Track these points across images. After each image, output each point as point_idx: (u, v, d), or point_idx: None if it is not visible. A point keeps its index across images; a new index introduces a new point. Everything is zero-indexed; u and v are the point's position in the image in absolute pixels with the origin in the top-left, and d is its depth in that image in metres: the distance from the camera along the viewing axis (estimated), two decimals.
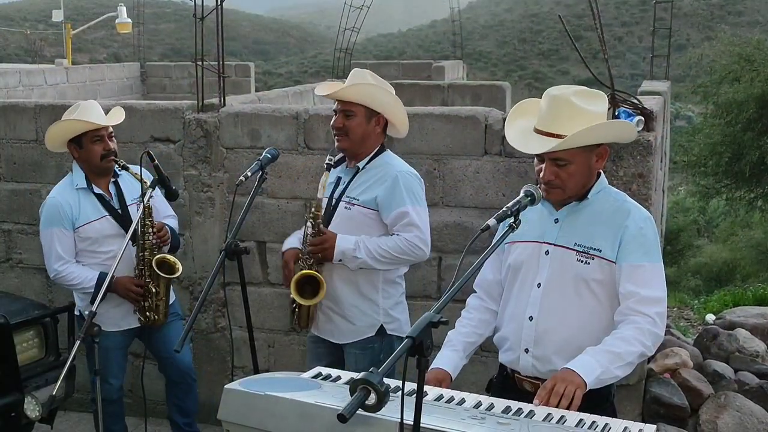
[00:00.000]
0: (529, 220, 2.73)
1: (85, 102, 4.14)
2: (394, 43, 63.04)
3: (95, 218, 4.03)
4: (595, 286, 2.71)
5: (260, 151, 4.63)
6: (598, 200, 2.77)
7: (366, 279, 3.55)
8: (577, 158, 2.68)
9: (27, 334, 4.02)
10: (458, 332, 2.96)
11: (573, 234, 2.74)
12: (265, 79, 39.67)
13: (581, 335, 2.72)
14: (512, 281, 2.86)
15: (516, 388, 2.83)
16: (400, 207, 3.48)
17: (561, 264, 2.73)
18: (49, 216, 4.02)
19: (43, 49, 38.09)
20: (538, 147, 2.71)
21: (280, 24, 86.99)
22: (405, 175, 3.53)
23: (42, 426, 4.27)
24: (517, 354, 2.79)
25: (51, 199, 4.06)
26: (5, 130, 5.19)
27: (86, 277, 4.01)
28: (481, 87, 10.45)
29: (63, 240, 4.01)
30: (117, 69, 15.22)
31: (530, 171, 4.32)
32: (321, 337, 3.67)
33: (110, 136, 4.05)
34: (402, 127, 3.67)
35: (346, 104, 3.49)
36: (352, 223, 3.49)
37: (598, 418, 2.28)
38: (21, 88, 11.66)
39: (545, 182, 2.71)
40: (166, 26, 65.51)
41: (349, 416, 1.83)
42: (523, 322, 2.78)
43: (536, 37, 59.29)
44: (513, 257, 2.85)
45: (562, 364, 2.62)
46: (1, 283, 5.23)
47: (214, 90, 5.11)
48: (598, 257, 2.69)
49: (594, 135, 2.67)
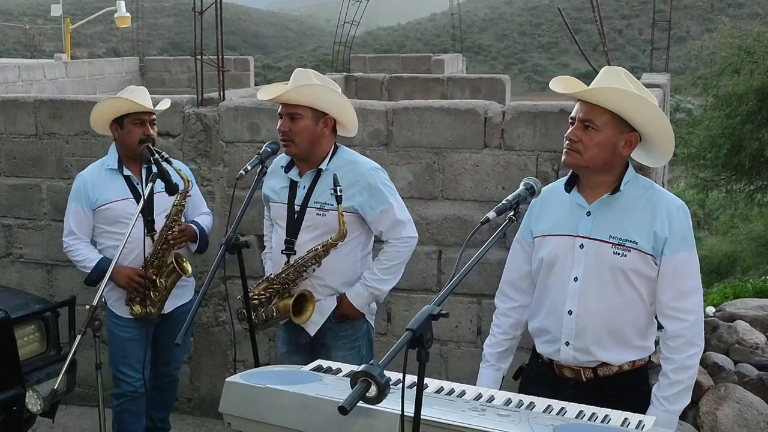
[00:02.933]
0: (560, 213, 2.77)
1: (135, 86, 4.22)
2: (393, 36, 62.98)
3: (117, 199, 4.06)
4: (633, 276, 2.74)
5: (260, 145, 4.63)
6: (629, 191, 2.78)
7: (343, 279, 3.56)
8: (606, 129, 2.69)
9: (28, 329, 4.02)
10: (488, 345, 3.07)
11: (607, 226, 2.75)
12: (265, 73, 39.67)
13: (621, 326, 2.77)
14: (546, 275, 2.87)
15: (554, 374, 2.87)
16: (383, 205, 3.47)
17: (597, 257, 2.75)
18: (74, 192, 4.17)
19: (41, 43, 38.04)
20: (577, 86, 2.75)
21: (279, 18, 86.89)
22: (375, 172, 3.52)
23: (43, 420, 4.29)
24: (558, 346, 2.83)
25: (79, 176, 4.20)
26: (5, 124, 5.19)
27: (88, 257, 4.09)
28: (481, 80, 10.43)
29: (78, 217, 4.11)
30: (116, 63, 15.20)
31: (530, 164, 4.34)
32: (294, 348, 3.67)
33: (152, 123, 4.09)
34: (352, 126, 3.60)
35: (292, 107, 3.39)
36: (326, 228, 3.44)
37: (598, 410, 2.28)
38: (20, 82, 11.64)
39: (568, 140, 2.74)
40: (165, 20, 65.46)
41: (349, 408, 1.84)
42: (562, 316, 2.80)
43: (536, 30, 59.29)
44: (546, 251, 2.86)
45: (603, 355, 2.77)
46: (2, 278, 5.24)
47: (214, 84, 5.11)
48: (634, 249, 2.71)
49: (629, 101, 2.67)
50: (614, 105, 2.68)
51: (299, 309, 3.53)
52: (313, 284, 3.52)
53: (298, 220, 3.50)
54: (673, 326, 2.75)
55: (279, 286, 3.51)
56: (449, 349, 4.65)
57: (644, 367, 2.88)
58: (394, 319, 4.72)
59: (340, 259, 3.49)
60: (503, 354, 3.05)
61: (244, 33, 65.51)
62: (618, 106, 2.68)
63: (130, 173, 4.10)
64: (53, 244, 5.20)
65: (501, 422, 2.13)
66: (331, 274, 3.51)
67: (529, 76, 45.99)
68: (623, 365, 2.81)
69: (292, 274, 3.47)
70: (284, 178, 3.58)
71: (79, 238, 4.12)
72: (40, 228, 5.22)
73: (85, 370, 4.54)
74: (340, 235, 3.40)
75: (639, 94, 2.69)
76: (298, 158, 3.52)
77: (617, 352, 2.79)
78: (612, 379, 2.81)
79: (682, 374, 2.75)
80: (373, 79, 10.39)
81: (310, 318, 3.52)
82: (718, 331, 4.91)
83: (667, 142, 2.77)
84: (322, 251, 3.43)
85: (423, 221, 4.54)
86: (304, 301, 3.52)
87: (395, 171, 4.49)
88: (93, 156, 4.99)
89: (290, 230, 3.52)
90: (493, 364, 3.04)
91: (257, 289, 3.54)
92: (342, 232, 3.39)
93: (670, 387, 2.75)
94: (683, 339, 2.74)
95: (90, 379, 4.83)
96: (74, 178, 5.05)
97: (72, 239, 4.13)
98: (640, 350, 2.83)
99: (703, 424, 4.23)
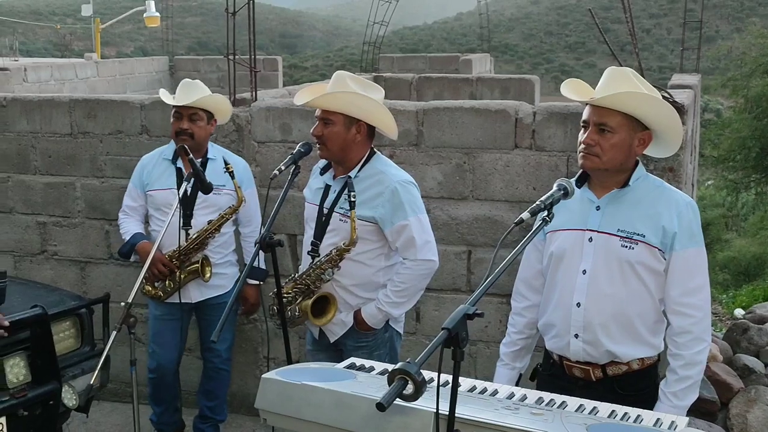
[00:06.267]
0: (570, 208, 2.80)
1: (189, 80, 4.36)
2: (420, 36, 62.94)
3: (162, 188, 4.28)
4: (641, 269, 2.77)
5: (291, 145, 4.69)
6: (639, 187, 2.83)
7: (366, 288, 3.58)
8: (621, 131, 2.74)
9: (64, 325, 4.08)
10: (504, 344, 3.13)
11: (615, 220, 2.79)
12: (291, 72, 39.79)
13: (630, 318, 2.80)
14: (555, 269, 2.91)
15: (564, 374, 2.90)
16: (401, 220, 3.45)
17: (605, 250, 2.79)
18: (134, 173, 4.47)
19: (71, 43, 38.46)
20: (590, 94, 2.78)
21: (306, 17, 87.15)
22: (403, 186, 3.48)
23: (77, 415, 4.35)
24: (566, 340, 2.86)
25: (141, 160, 4.49)
26: (41, 123, 5.28)
27: (127, 231, 4.38)
28: (510, 80, 10.41)
29: (131, 195, 4.44)
30: (146, 63, 15.33)
31: (560, 165, 4.34)
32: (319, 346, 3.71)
33: (192, 118, 4.19)
34: (389, 132, 3.58)
35: (325, 112, 3.42)
36: (347, 235, 3.45)
37: (630, 410, 2.29)
38: (53, 82, 11.79)
39: (585, 144, 2.77)
40: (192, 20, 65.93)
41: (387, 405, 1.87)
42: (570, 308, 2.83)
43: (563, 30, 58.97)
44: (555, 245, 2.90)
45: (613, 347, 2.79)
46: (37, 275, 5.33)
47: (243, 84, 5.16)
48: (642, 242, 2.75)
49: (644, 103, 2.72)
50: (631, 108, 2.73)
51: (320, 310, 3.56)
52: (335, 287, 3.55)
53: (325, 223, 3.54)
54: (681, 322, 2.78)
55: (303, 287, 3.56)
56: (478, 349, 4.66)
57: (654, 366, 2.90)
58: (423, 318, 4.74)
59: (361, 266, 3.52)
60: (518, 353, 3.10)
61: (271, 32, 65.83)
62: (636, 109, 2.74)
63: (182, 166, 4.23)
64: (87, 241, 5.28)
65: (535, 421, 2.14)
66: (351, 279, 3.54)
67: (555, 76, 45.74)
68: (632, 363, 2.83)
69: (313, 275, 3.52)
70: (320, 180, 3.63)
71: (129, 215, 4.43)
72: (74, 226, 5.30)
73: (117, 366, 4.60)
74: (351, 242, 3.41)
75: (651, 95, 2.76)
76: (332, 161, 3.56)
77: (627, 346, 2.81)
78: (622, 379, 2.83)
79: (690, 370, 2.77)
80: (401, 79, 10.41)
81: (330, 321, 3.56)
82: (748, 333, 4.89)
83: (676, 137, 2.84)
84: (336, 255, 3.46)
85: (453, 221, 4.56)
86: (326, 303, 3.55)
87: (425, 171, 4.52)
88: (126, 155, 5.08)
89: (317, 232, 3.56)
90: (508, 363, 3.09)
91: (285, 288, 3.59)
92: (353, 239, 3.40)
93: (678, 383, 2.77)
94: (691, 335, 2.77)
95: (122, 375, 4.92)
96: (108, 177, 5.16)
97: (123, 215, 4.46)
98: (649, 347, 2.85)
99: (733, 427, 4.22)
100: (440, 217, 4.54)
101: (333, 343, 3.65)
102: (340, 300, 3.55)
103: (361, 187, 3.44)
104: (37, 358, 3.79)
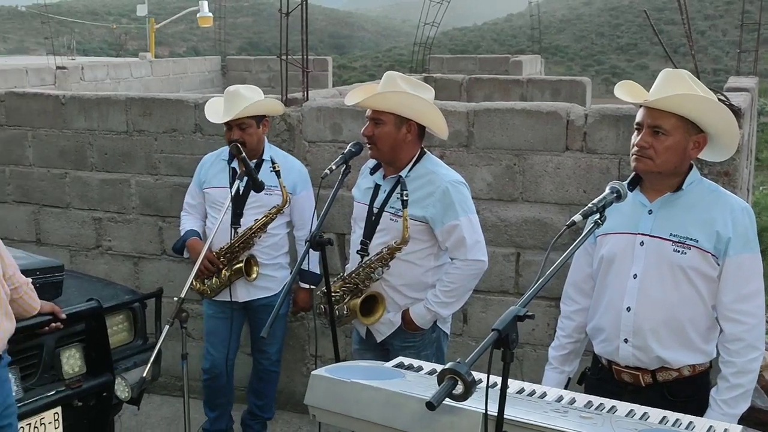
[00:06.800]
0: (621, 212, 2.77)
1: (233, 89, 4.36)
2: (469, 37, 62.67)
3: (217, 186, 4.36)
4: (693, 274, 2.73)
5: (341, 144, 4.73)
6: (692, 191, 2.79)
7: (416, 288, 3.58)
8: (675, 133, 2.70)
9: (117, 318, 4.17)
10: (553, 348, 3.12)
11: (668, 224, 2.76)
12: (340, 72, 39.97)
13: (681, 324, 2.76)
14: (606, 273, 2.88)
15: (613, 379, 2.87)
16: (452, 220, 3.45)
17: (657, 254, 2.76)
18: (196, 171, 4.57)
19: (126, 42, 39.19)
20: (643, 96, 2.76)
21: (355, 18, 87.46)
22: (454, 186, 3.48)
23: (128, 407, 4.44)
24: (616, 345, 2.83)
25: (203, 158, 4.59)
26: (98, 121, 5.40)
27: (184, 228, 4.49)
28: (561, 82, 10.33)
29: (191, 193, 4.56)
30: (199, 62, 15.56)
31: (612, 168, 4.30)
32: (366, 346, 3.73)
33: (241, 127, 4.24)
34: (439, 132, 3.58)
35: (376, 112, 3.44)
36: (397, 234, 3.46)
37: (683, 416, 2.26)
38: (108, 80, 12.06)
39: (638, 147, 2.74)
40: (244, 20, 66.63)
41: (437, 404, 1.88)
42: (620, 312, 2.81)
43: (614, 31, 58.17)
44: (606, 249, 2.87)
45: (663, 353, 2.75)
46: (91, 269, 5.44)
47: (293, 83, 5.20)
48: (695, 247, 2.71)
49: (700, 105, 2.68)
50: (687, 111, 2.69)
51: (369, 309, 3.57)
52: (383, 287, 3.57)
53: (375, 223, 3.55)
54: (733, 329, 2.73)
55: (352, 286, 3.57)
56: (525, 352, 4.64)
57: (705, 373, 2.86)
58: (470, 320, 4.74)
59: (411, 265, 3.53)
60: (567, 357, 3.08)
61: (320, 33, 66.18)
62: (692, 112, 2.70)
63: (236, 166, 4.28)
64: (140, 237, 5.39)
65: (584, 424, 2.13)
66: (400, 278, 3.55)
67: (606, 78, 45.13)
68: (683, 369, 2.79)
69: (362, 274, 3.53)
70: (370, 180, 3.64)
71: (188, 213, 4.54)
72: (129, 221, 5.41)
73: (168, 360, 4.69)
74: (403, 240, 3.42)
75: (707, 97, 2.72)
76: (382, 162, 3.57)
77: (677, 351, 2.77)
78: (672, 385, 2.80)
79: (742, 378, 2.72)
80: (452, 80, 10.40)
81: (378, 320, 3.57)
82: None
83: (732, 140, 2.79)
84: (387, 254, 3.47)
85: (502, 223, 4.54)
86: (374, 302, 3.56)
87: (475, 172, 4.51)
88: (180, 153, 5.16)
89: (366, 232, 3.58)
90: (556, 367, 3.08)
91: (333, 286, 3.61)
92: (405, 238, 3.41)
93: (730, 390, 2.72)
94: (743, 342, 2.72)
95: (172, 369, 5.01)
96: (162, 174, 5.25)
97: (183, 213, 4.57)
98: (701, 354, 2.80)
99: None
100: (489, 219, 4.53)
101: (380, 342, 3.67)
102: (389, 299, 3.56)
103: (412, 187, 3.44)
104: (91, 351, 3.88)
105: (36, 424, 3.55)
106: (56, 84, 11.21)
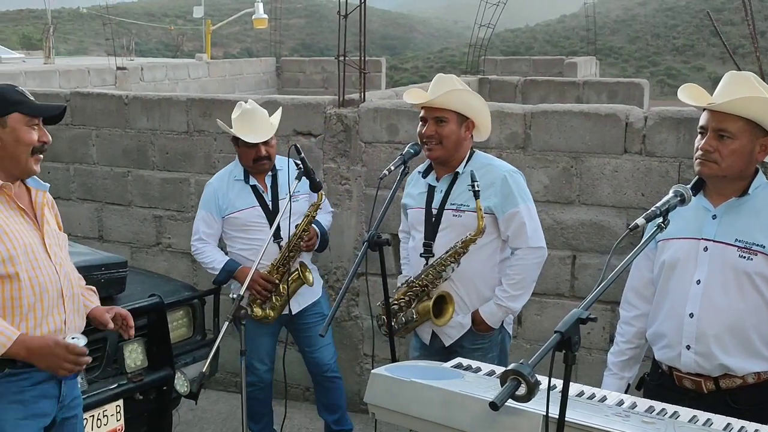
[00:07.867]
0: (684, 216, 2.74)
1: (248, 106, 4.32)
2: (521, 38, 62.26)
3: (245, 207, 4.28)
4: (759, 281, 2.69)
5: (398, 145, 4.75)
6: (758, 196, 2.75)
7: (486, 283, 3.59)
8: (742, 137, 2.67)
9: (178, 314, 4.25)
10: (612, 353, 3.10)
11: (733, 230, 2.72)
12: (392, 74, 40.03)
13: (745, 331, 2.72)
14: (667, 278, 2.85)
15: (674, 385, 2.84)
16: (512, 208, 3.48)
17: (722, 260, 2.72)
18: (204, 199, 4.40)
19: (182, 43, 39.83)
20: (707, 100, 2.72)
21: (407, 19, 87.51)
22: (513, 175, 3.53)
23: (185, 402, 4.52)
24: (678, 351, 2.80)
25: (209, 185, 4.40)
26: (159, 121, 5.51)
27: (216, 259, 4.33)
28: (618, 84, 10.21)
29: (207, 222, 4.37)
30: (254, 63, 15.76)
31: (671, 171, 4.25)
32: (428, 351, 3.70)
33: (267, 142, 4.24)
34: (486, 132, 3.63)
35: (438, 111, 3.46)
36: (462, 229, 3.47)
37: (747, 424, 2.23)
38: (167, 81, 12.29)
39: (703, 151, 2.71)
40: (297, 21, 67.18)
41: (500, 404, 1.89)
42: (683, 318, 2.78)
43: (670, 32, 57.21)
44: (668, 254, 2.85)
45: (727, 360, 2.70)
46: (151, 266, 5.56)
47: (347, 85, 5.24)
48: (761, 253, 2.67)
49: None
50: (753, 113, 2.65)
51: (439, 311, 3.56)
52: (452, 287, 3.56)
53: (436, 223, 3.56)
54: None
55: (418, 289, 3.56)
56: (580, 356, 4.60)
57: None
58: (525, 323, 4.72)
59: (479, 261, 3.53)
60: (627, 363, 3.05)
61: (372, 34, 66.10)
62: (759, 114, 2.66)
63: (255, 182, 4.30)
64: None
65: (646, 429, 2.12)
66: (469, 275, 3.54)
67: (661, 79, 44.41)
68: (747, 377, 2.74)
69: (431, 275, 3.53)
70: (422, 184, 3.66)
71: (206, 242, 4.37)
72: (188, 220, 5.50)
73: (224, 356, 4.75)
74: (479, 230, 3.41)
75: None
76: (438, 162, 3.58)
77: (741, 359, 2.72)
78: (735, 392, 2.75)
79: None
80: (506, 81, 10.35)
81: (450, 319, 3.56)
82: None
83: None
84: (461, 248, 3.45)
85: (558, 225, 4.52)
86: (443, 302, 3.55)
87: (531, 174, 4.49)
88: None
89: (428, 233, 3.58)
90: (616, 373, 3.06)
91: (397, 294, 3.62)
92: (480, 227, 3.40)
93: None
94: None
95: (227, 365, 5.09)
96: None
97: (200, 243, 4.38)
98: (765, 361, 2.75)
99: None
100: (545, 221, 4.50)
101: (447, 346, 3.64)
102: (457, 300, 3.56)
103: (468, 181, 3.45)
104: (153, 345, 3.97)
105: (99, 416, 3.64)
106: (117, 84, 11.47)
